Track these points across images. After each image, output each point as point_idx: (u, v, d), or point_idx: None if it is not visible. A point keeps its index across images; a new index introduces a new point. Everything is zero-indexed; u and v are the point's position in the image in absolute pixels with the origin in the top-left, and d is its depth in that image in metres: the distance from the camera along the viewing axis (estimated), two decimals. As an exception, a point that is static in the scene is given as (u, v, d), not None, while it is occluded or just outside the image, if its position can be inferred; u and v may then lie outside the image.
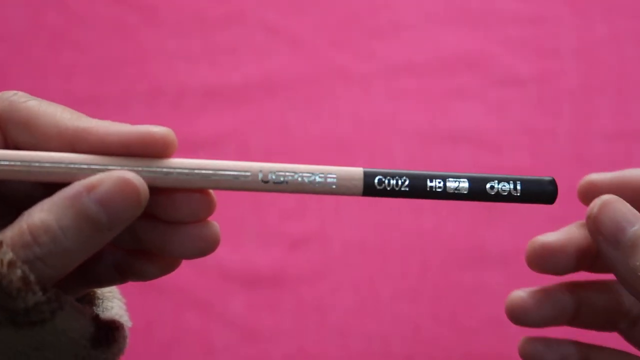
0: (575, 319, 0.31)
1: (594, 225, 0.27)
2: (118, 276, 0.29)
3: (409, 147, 0.68)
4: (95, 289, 0.30)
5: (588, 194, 0.29)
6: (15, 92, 0.26)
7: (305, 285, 0.63)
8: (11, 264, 0.22)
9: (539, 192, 0.28)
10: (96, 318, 0.26)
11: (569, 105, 0.69)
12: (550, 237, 0.29)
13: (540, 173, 0.67)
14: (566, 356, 0.30)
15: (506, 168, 0.66)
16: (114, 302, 0.29)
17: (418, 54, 0.72)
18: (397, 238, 0.65)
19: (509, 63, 0.71)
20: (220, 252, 0.28)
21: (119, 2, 0.74)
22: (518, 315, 0.30)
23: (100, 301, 0.29)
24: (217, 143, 0.68)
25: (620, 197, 0.27)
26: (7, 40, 0.73)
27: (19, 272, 0.23)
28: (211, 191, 0.27)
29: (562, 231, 0.30)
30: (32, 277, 0.23)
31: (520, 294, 0.30)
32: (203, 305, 0.63)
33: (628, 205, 0.27)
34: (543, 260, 0.29)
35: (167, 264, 0.28)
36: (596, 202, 0.27)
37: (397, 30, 0.73)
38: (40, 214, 0.23)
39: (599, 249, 0.27)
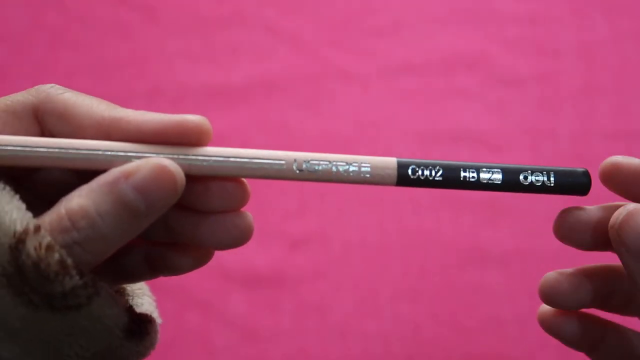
0: (605, 303, 0.30)
1: (617, 235, 0.26)
2: (149, 271, 0.29)
3: (409, 147, 0.68)
4: (126, 286, 0.30)
5: (610, 177, 0.28)
6: (52, 85, 0.27)
7: (305, 285, 0.63)
8: (49, 248, 0.23)
9: (573, 184, 0.27)
10: (130, 309, 0.26)
11: (569, 105, 0.69)
12: (586, 208, 0.28)
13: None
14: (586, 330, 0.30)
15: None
16: (144, 299, 0.29)
17: (418, 54, 0.72)
18: (397, 238, 0.65)
19: (509, 63, 0.71)
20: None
21: (119, 2, 0.74)
22: (551, 296, 0.29)
23: (131, 298, 0.29)
24: (217, 143, 0.68)
25: None
26: (7, 40, 0.73)
27: (56, 255, 0.23)
28: (245, 181, 0.27)
29: (599, 207, 0.29)
30: (69, 261, 0.23)
31: (555, 275, 0.29)
32: (203, 305, 0.63)
33: None
34: (572, 231, 0.28)
35: (200, 256, 0.28)
36: (621, 212, 0.26)
37: (397, 30, 0.73)
38: (79, 200, 0.23)
39: (621, 259, 0.27)
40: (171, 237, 0.27)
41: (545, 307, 0.30)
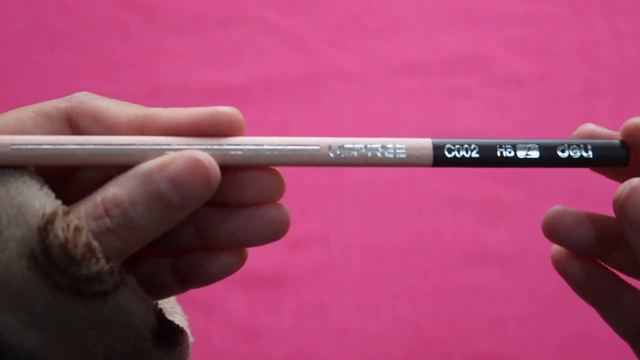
0: (609, 256, 0.29)
1: (621, 209, 0.26)
2: (179, 283, 0.28)
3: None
4: (156, 303, 0.28)
5: (631, 136, 0.27)
6: (86, 92, 0.27)
7: (305, 285, 0.63)
8: (77, 230, 0.23)
9: (612, 156, 0.27)
10: (160, 312, 0.26)
11: (569, 105, 0.69)
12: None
13: (540, 173, 0.67)
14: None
15: (506, 169, 0.66)
16: (175, 318, 0.29)
17: (418, 54, 0.72)
18: (397, 239, 0.65)
19: (509, 63, 0.71)
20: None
21: (119, 2, 0.74)
22: (553, 229, 0.28)
23: None
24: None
25: None
26: (7, 40, 0.73)
27: (84, 237, 0.23)
28: (280, 170, 0.27)
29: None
30: (95, 244, 0.23)
31: (559, 208, 0.28)
32: (203, 305, 0.63)
33: None
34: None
35: (233, 259, 0.28)
36: (625, 186, 0.26)
37: (397, 30, 0.73)
38: (113, 189, 0.24)
39: (624, 234, 0.26)
40: (202, 240, 0.27)
41: (559, 247, 0.29)
